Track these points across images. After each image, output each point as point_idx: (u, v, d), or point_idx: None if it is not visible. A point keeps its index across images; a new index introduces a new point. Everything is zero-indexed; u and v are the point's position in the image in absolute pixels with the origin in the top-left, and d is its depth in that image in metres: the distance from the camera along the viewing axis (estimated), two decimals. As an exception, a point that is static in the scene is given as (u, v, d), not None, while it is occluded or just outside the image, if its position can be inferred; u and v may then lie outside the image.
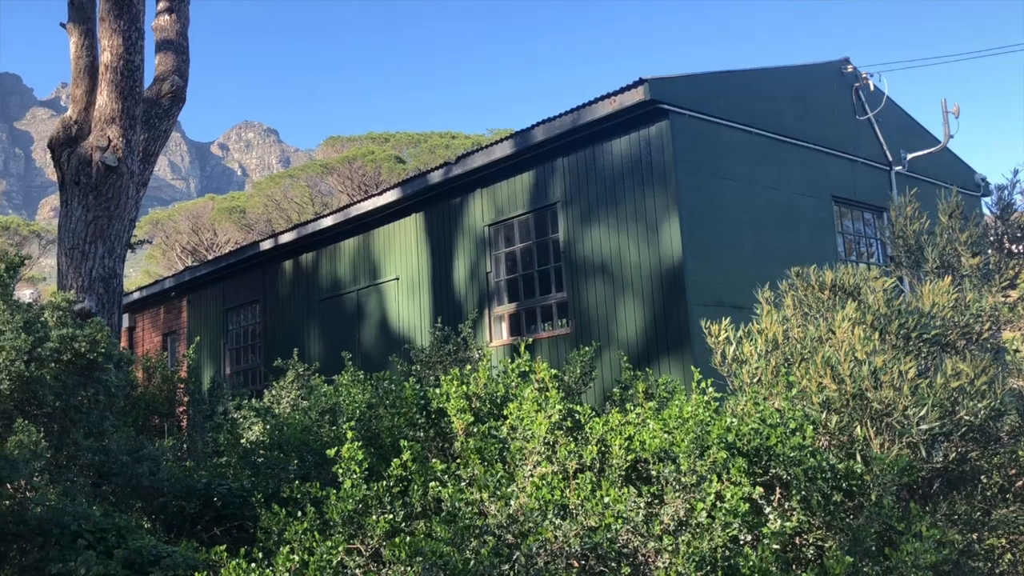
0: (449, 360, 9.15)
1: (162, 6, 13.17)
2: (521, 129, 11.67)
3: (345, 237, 15.18)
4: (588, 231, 10.92)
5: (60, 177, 10.82)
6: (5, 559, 5.38)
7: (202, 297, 19.19)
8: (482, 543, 4.15)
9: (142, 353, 18.77)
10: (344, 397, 7.11)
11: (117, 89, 10.60)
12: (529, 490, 4.29)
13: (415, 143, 52.40)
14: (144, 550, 5.11)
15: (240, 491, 6.42)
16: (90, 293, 10.06)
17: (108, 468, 6.22)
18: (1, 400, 5.63)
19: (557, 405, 4.79)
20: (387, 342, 13.83)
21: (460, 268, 12.73)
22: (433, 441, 5.88)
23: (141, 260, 52.07)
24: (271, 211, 48.02)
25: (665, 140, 10.17)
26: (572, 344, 10.64)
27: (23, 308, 6.20)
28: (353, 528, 4.45)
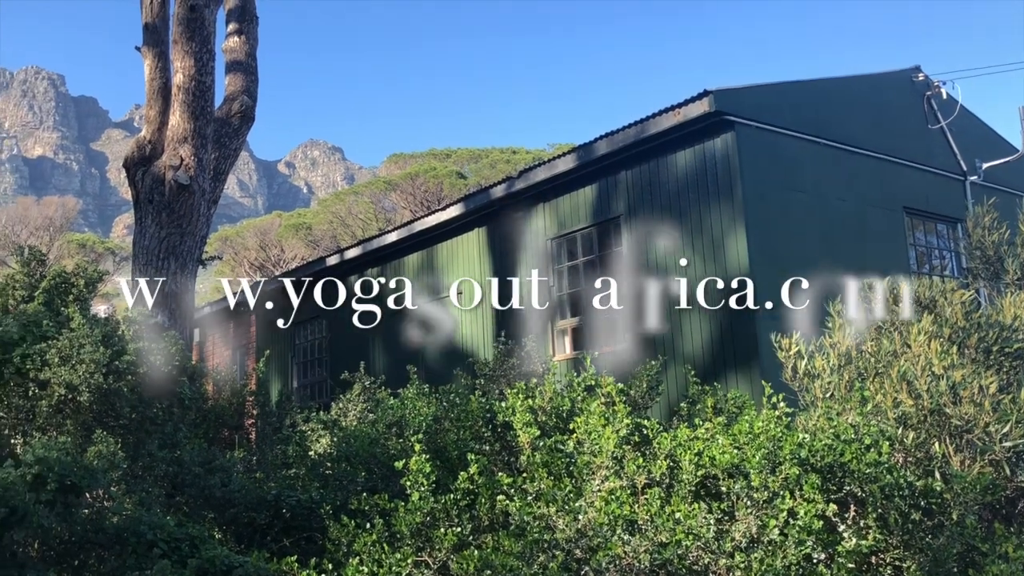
0: (513, 374, 9.13)
1: (232, 28, 13.52)
2: (584, 143, 11.65)
3: (409, 252, 15.32)
4: (652, 244, 10.84)
5: (135, 195, 11.13)
6: (84, 566, 5.52)
7: (270, 312, 19.52)
8: (550, 558, 4.12)
9: (212, 367, 19.17)
10: (410, 410, 7.15)
11: (189, 109, 10.89)
12: (598, 505, 4.26)
13: (476, 158, 52.75)
14: (217, 560, 5.19)
15: (309, 503, 6.49)
16: (163, 308, 10.30)
17: (181, 479, 6.35)
18: (81, 412, 5.81)
19: (625, 419, 4.74)
20: (450, 356, 13.88)
21: (523, 282, 12.73)
22: (499, 455, 5.88)
23: (210, 275, 53.31)
24: (336, 227, 48.75)
25: (731, 152, 10.05)
26: (636, 359, 10.53)
27: (101, 322, 6.39)
28: (421, 541, 4.46)
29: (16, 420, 5.97)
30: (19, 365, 5.80)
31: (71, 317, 6.18)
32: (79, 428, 5.83)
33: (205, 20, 11.32)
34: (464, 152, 54.25)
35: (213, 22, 11.63)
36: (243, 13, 13.62)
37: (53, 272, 6.69)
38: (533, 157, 47.41)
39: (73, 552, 5.55)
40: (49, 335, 5.93)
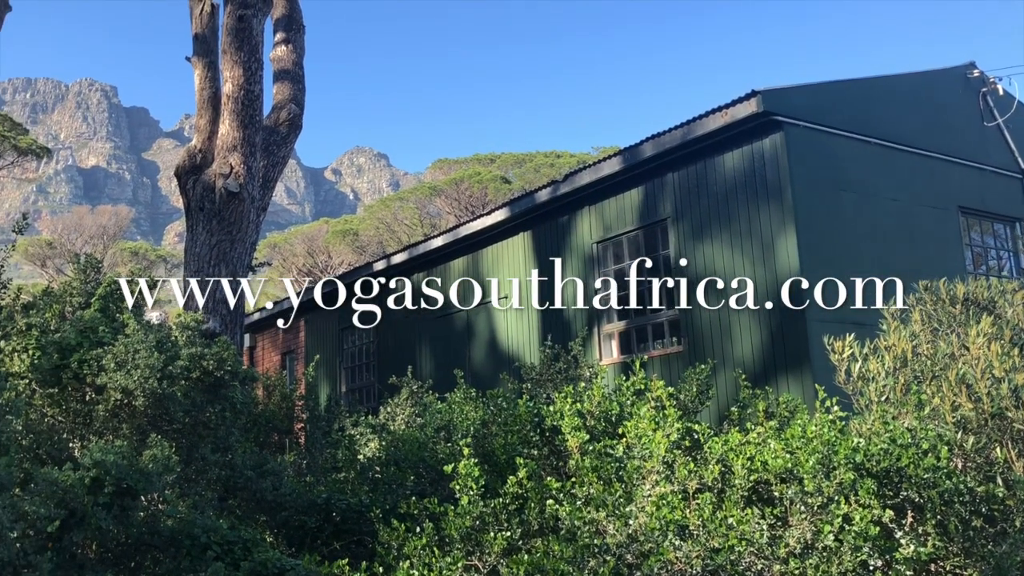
0: (560, 378, 9.10)
1: (279, 37, 13.70)
2: (629, 145, 11.59)
3: (454, 257, 15.38)
4: (700, 247, 10.74)
5: (186, 203, 11.32)
6: (140, 568, 5.61)
7: (319, 317, 19.74)
8: (601, 563, 4.09)
9: (262, 372, 19.42)
10: (457, 414, 7.17)
11: (238, 118, 11.05)
12: (649, 510, 4.21)
13: (520, 163, 52.80)
14: (269, 563, 5.24)
15: (358, 506, 6.53)
16: (214, 314, 10.46)
17: (234, 482, 6.43)
18: (136, 416, 5.91)
19: (675, 423, 4.69)
20: (496, 360, 13.90)
21: (568, 286, 12.70)
22: (547, 459, 5.86)
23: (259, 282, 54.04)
24: (382, 233, 49.14)
25: (779, 153, 9.92)
26: (685, 363, 10.45)
27: (155, 328, 6.50)
28: (471, 545, 4.46)
29: (74, 424, 6.10)
30: (77, 370, 5.93)
31: (126, 323, 6.30)
32: (134, 432, 5.94)
33: (253, 30, 11.49)
34: (508, 157, 54.34)
35: (261, 32, 11.80)
36: (290, 22, 13.81)
37: (109, 279, 6.82)
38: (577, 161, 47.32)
39: (129, 554, 5.64)
40: (105, 341, 6.04)
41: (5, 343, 6.23)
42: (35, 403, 6.03)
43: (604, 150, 48.07)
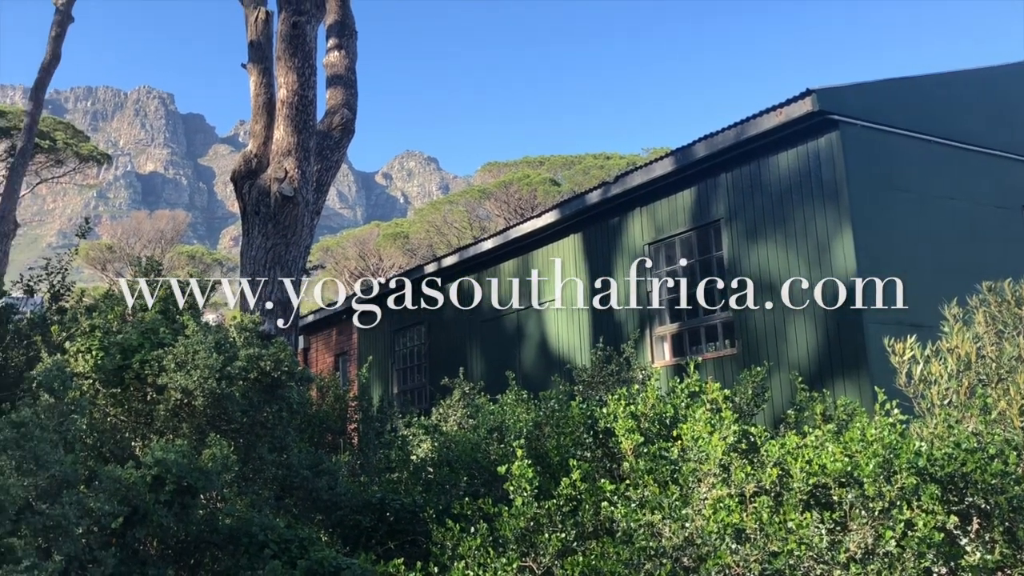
0: (612, 380, 9.07)
1: (332, 43, 13.87)
2: (681, 146, 11.50)
3: (504, 259, 15.40)
4: (754, 248, 10.60)
5: (242, 208, 11.50)
6: (200, 565, 5.72)
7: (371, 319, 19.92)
8: (657, 566, 4.06)
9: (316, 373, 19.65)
10: (509, 416, 7.18)
11: (292, 123, 11.21)
12: (706, 513, 4.17)
13: (569, 165, 52.73)
14: (325, 561, 5.30)
15: (412, 506, 6.57)
16: (269, 316, 10.61)
17: (290, 482, 6.52)
18: (195, 415, 6.02)
19: (732, 426, 4.64)
20: (546, 362, 13.88)
21: (620, 288, 12.64)
22: (600, 461, 5.83)
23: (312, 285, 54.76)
24: (432, 236, 49.46)
25: (835, 152, 9.76)
26: (738, 365, 10.32)
27: (213, 329, 6.62)
28: (525, 546, 4.45)
29: (136, 423, 6.24)
30: (138, 371, 6.06)
31: (185, 325, 6.43)
32: (194, 431, 6.05)
33: (307, 36, 11.65)
34: (557, 159, 54.30)
35: (314, 38, 11.95)
36: (342, 28, 13.97)
37: (167, 282, 6.96)
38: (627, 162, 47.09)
39: (189, 551, 5.75)
40: (166, 342, 6.17)
41: (70, 344, 6.40)
42: (98, 402, 6.18)
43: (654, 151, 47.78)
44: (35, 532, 4.63)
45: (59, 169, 40.42)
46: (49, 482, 4.83)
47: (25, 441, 4.75)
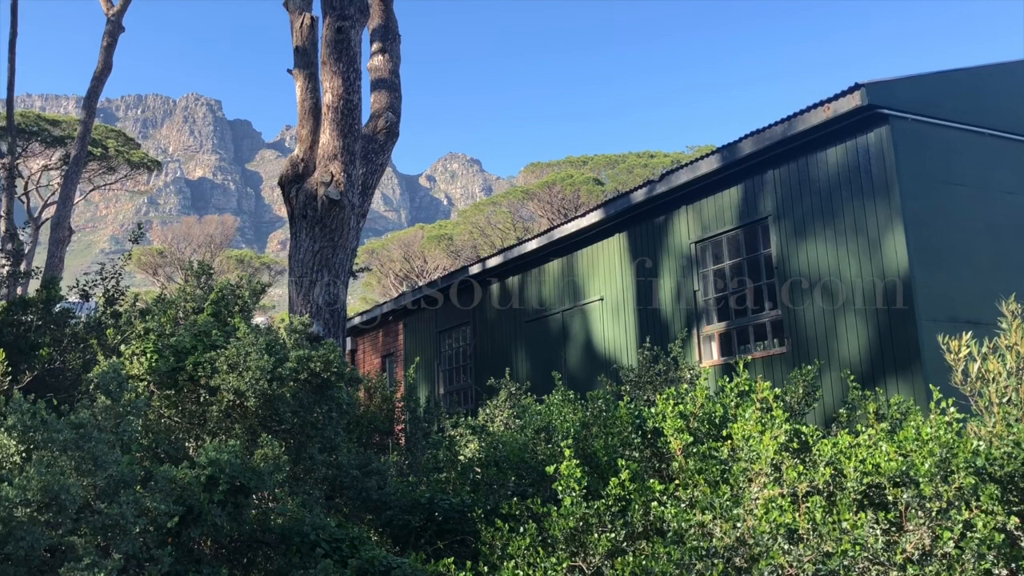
0: (659, 380, 9.01)
1: (376, 47, 13.99)
2: (727, 143, 11.38)
3: (549, 259, 15.39)
4: (803, 245, 10.46)
5: (289, 211, 11.65)
6: (253, 564, 5.80)
7: (417, 321, 20.06)
8: (708, 566, 4.02)
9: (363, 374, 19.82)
10: (556, 416, 7.17)
11: (338, 128, 11.32)
12: (758, 513, 4.12)
13: (613, 164, 52.52)
14: (375, 560, 5.35)
15: (460, 506, 6.60)
16: (317, 318, 10.73)
17: (340, 482, 6.58)
18: (247, 416, 6.11)
19: (784, 425, 4.58)
20: (592, 362, 13.84)
21: (666, 287, 12.55)
22: (649, 461, 5.79)
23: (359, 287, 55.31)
24: (476, 237, 49.60)
25: (885, 147, 9.59)
26: (788, 364, 10.19)
27: (264, 331, 6.72)
28: (575, 546, 4.44)
29: (189, 424, 6.35)
30: (192, 372, 6.17)
31: (237, 327, 6.53)
32: (246, 432, 6.14)
33: (351, 41, 11.76)
34: (601, 158, 54.11)
35: (358, 42, 12.06)
36: (386, 32, 14.09)
37: (220, 285, 7.08)
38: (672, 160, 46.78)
39: (242, 550, 5.84)
40: (218, 344, 6.28)
41: (125, 347, 6.54)
42: (153, 404, 6.30)
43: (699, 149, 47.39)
44: (95, 531, 4.73)
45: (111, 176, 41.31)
46: (107, 482, 4.94)
47: (84, 442, 4.86)
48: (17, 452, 4.95)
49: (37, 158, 37.45)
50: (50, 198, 35.54)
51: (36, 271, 14.16)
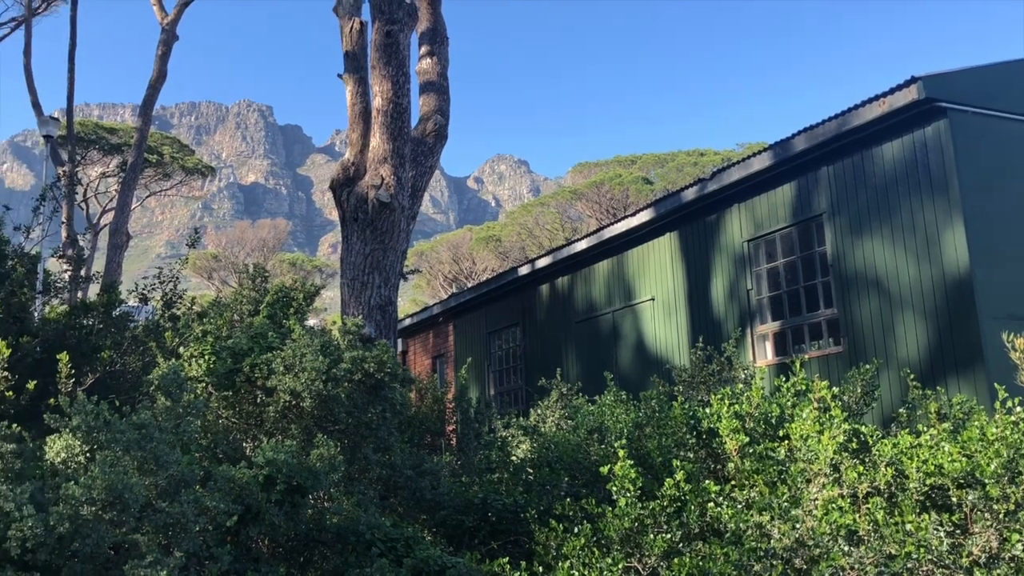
0: (713, 380, 8.91)
1: (424, 50, 14.07)
2: (780, 139, 11.23)
3: (599, 259, 15.33)
4: (859, 243, 10.27)
5: (341, 215, 11.77)
6: (309, 563, 5.87)
7: (466, 322, 20.14)
8: (767, 567, 3.97)
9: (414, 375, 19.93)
10: (608, 417, 7.14)
11: (388, 131, 11.41)
12: (817, 514, 4.05)
13: (661, 163, 52.17)
14: (430, 560, 5.37)
15: (513, 506, 6.59)
16: (369, 320, 10.82)
17: (394, 481, 6.62)
18: (303, 416, 6.19)
19: (842, 425, 4.50)
20: (643, 363, 13.76)
21: (718, 286, 12.42)
22: (703, 462, 5.74)
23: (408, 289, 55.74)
24: (524, 238, 49.63)
25: (944, 141, 9.37)
26: (844, 363, 10.01)
27: (318, 333, 6.79)
28: (630, 546, 4.42)
29: (247, 425, 6.45)
30: (248, 374, 6.26)
31: (292, 329, 6.61)
32: (302, 432, 6.21)
33: (400, 44, 11.85)
34: (649, 157, 53.78)
35: (407, 46, 12.15)
36: (434, 35, 14.16)
37: (275, 287, 7.18)
38: (722, 158, 46.30)
39: (299, 549, 5.91)
40: (274, 346, 6.36)
41: (184, 349, 6.66)
42: (211, 405, 6.41)
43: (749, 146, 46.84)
44: (157, 529, 4.83)
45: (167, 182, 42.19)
46: (168, 481, 5.03)
47: (146, 442, 4.96)
48: (82, 452, 5.07)
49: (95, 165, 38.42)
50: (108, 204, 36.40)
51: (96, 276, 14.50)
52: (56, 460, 5.03)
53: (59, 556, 4.59)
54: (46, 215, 10.91)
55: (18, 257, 9.86)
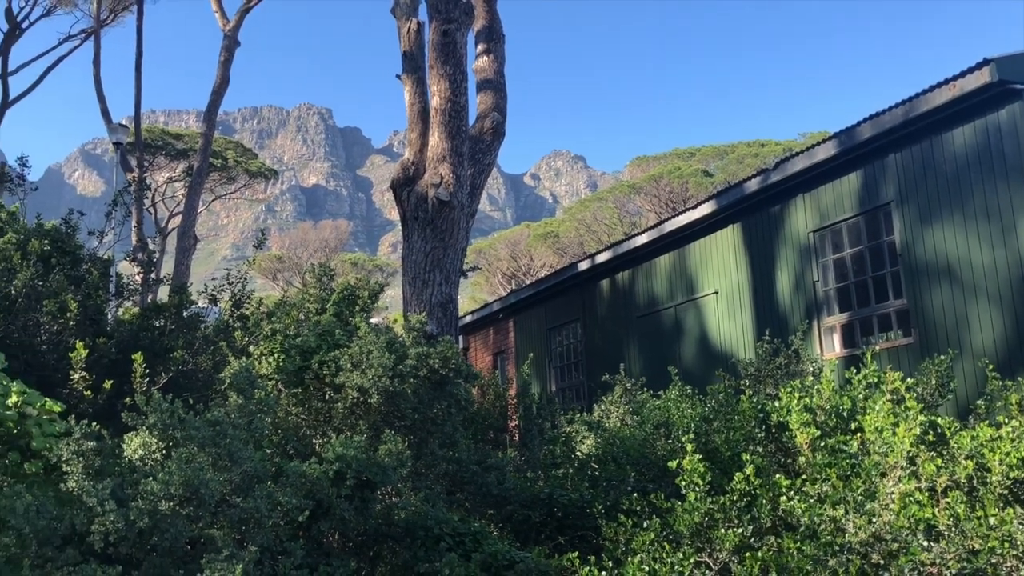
0: (780, 374, 8.77)
1: (480, 48, 14.11)
2: (845, 127, 10.99)
3: (660, 254, 15.20)
4: (929, 231, 10.00)
5: (401, 214, 11.88)
6: (379, 558, 5.94)
7: (526, 318, 20.16)
8: (842, 562, 3.89)
9: (474, 373, 20.01)
10: (674, 412, 7.07)
11: (446, 130, 11.48)
12: (895, 507, 3.96)
13: (721, 155, 51.54)
14: (499, 555, 5.39)
15: (579, 502, 6.58)
16: (431, 317, 10.90)
17: (460, 477, 6.66)
18: (371, 412, 6.26)
19: (918, 417, 4.39)
20: (707, 357, 13.60)
21: (783, 278, 12.22)
22: (773, 456, 5.65)
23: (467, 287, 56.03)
24: (582, 234, 49.50)
25: (1019, 124, 9.06)
26: (916, 355, 9.76)
27: (383, 330, 6.87)
28: (700, 541, 4.37)
29: (316, 421, 6.55)
30: (317, 371, 6.36)
31: (358, 326, 6.70)
32: (369, 428, 6.29)
33: (456, 43, 11.90)
34: (709, 149, 53.16)
35: (464, 45, 12.21)
36: (490, 33, 14.19)
37: (341, 286, 7.28)
38: (783, 149, 45.53)
39: (369, 544, 5.98)
40: (341, 343, 6.45)
41: (254, 348, 6.80)
42: (281, 402, 6.53)
43: (812, 136, 45.99)
44: (231, 524, 4.93)
45: (231, 186, 43.10)
46: (241, 477, 5.14)
47: (220, 439, 5.07)
48: (158, 449, 5.21)
49: (162, 171, 39.42)
50: (175, 208, 37.32)
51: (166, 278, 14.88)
52: (134, 457, 5.17)
53: (139, 550, 4.72)
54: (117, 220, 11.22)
55: (92, 261, 10.17)
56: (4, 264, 8.62)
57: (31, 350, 8.52)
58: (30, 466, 6.38)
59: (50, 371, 8.52)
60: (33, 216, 10.88)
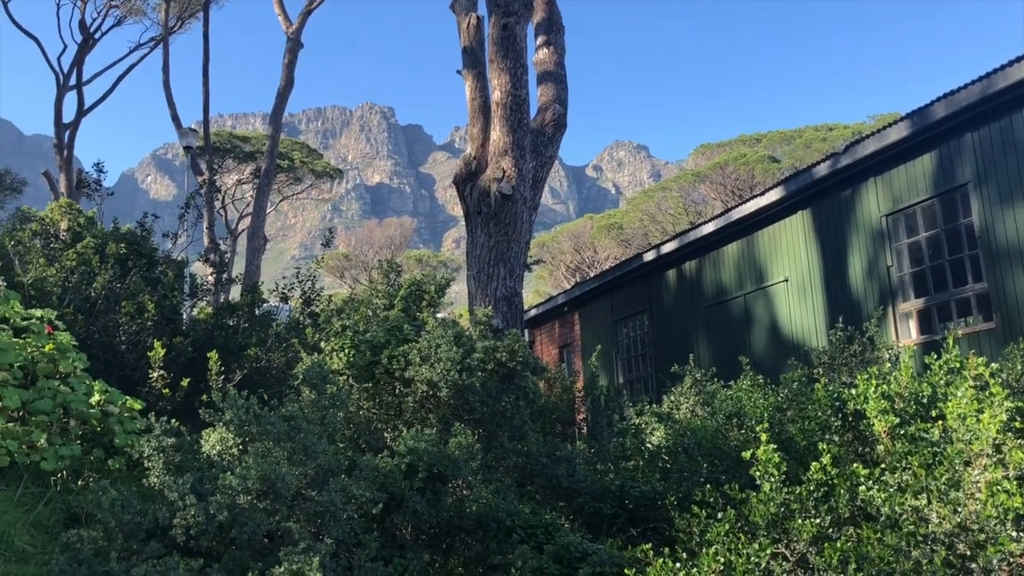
0: (855, 362, 8.56)
1: (540, 40, 14.08)
2: (917, 108, 10.66)
3: (727, 242, 14.98)
4: (1009, 212, 9.65)
5: (464, 209, 11.92)
6: (452, 550, 5.98)
7: (592, 311, 20.07)
8: (926, 552, 3.78)
9: (541, 366, 20.01)
10: (747, 402, 6.96)
11: (507, 123, 11.48)
12: (982, 497, 3.83)
13: (788, 140, 50.54)
14: (571, 546, 5.38)
15: (651, 494, 6.53)
16: (496, 311, 10.92)
17: (530, 469, 6.67)
18: (440, 406, 6.31)
19: (1004, 403, 4.23)
20: (777, 346, 13.36)
21: (855, 264, 11.92)
22: (850, 445, 5.51)
23: (531, 280, 56.08)
24: (646, 224, 49.09)
25: (1104, 96, 8.68)
26: (998, 340, 9.44)
27: (450, 324, 6.91)
28: (777, 532, 4.29)
29: (386, 415, 6.63)
30: (387, 365, 6.43)
31: (425, 321, 6.75)
32: (439, 422, 6.33)
33: (516, 36, 11.89)
34: (775, 135, 52.19)
35: (524, 37, 12.18)
36: (550, 25, 14.15)
37: (408, 282, 7.35)
38: (852, 132, 44.45)
39: (441, 536, 6.03)
40: (409, 338, 6.51)
41: (325, 344, 6.90)
42: (353, 397, 6.62)
43: (881, 118, 44.81)
44: (308, 517, 5.02)
45: (298, 186, 43.86)
46: (316, 471, 5.23)
47: (295, 433, 5.17)
48: (235, 444, 5.33)
49: (231, 173, 40.31)
50: (245, 210, 38.14)
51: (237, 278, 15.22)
52: (212, 452, 5.30)
53: (219, 543, 4.84)
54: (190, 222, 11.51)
55: (167, 263, 10.44)
56: (84, 267, 8.91)
57: (111, 350, 8.80)
58: (114, 462, 6.59)
59: (129, 370, 8.80)
60: (110, 221, 11.23)
